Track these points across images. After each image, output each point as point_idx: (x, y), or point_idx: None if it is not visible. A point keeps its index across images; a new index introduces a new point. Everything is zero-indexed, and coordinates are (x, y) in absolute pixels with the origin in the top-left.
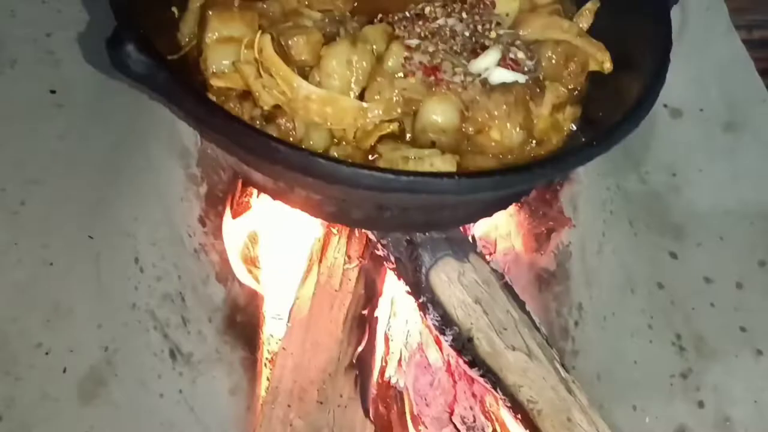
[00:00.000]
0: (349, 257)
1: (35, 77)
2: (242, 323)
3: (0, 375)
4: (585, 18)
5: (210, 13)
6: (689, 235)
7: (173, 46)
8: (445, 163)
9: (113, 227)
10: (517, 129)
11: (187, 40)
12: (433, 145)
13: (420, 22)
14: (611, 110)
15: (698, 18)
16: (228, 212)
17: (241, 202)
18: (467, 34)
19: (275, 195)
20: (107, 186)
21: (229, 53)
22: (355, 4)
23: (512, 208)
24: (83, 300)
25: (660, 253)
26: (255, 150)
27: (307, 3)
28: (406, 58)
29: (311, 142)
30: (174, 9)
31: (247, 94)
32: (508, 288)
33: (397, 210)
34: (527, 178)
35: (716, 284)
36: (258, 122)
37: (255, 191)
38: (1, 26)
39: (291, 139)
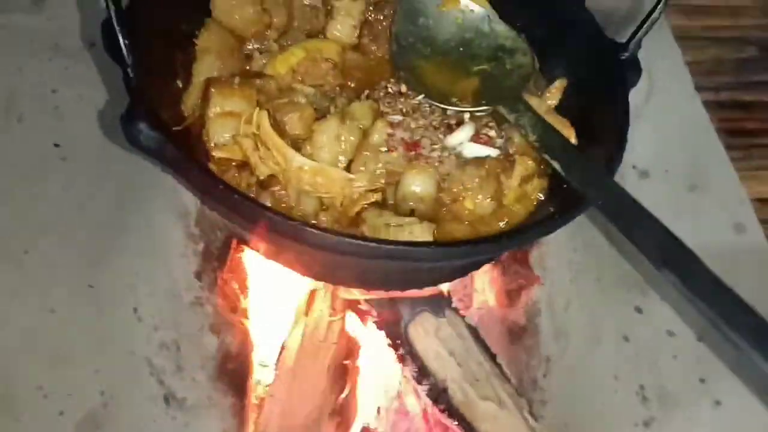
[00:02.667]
0: (334, 310)
1: (41, 131)
2: (233, 371)
3: (0, 414)
4: (553, 96)
5: (213, 89)
6: (654, 291)
7: (177, 116)
8: (422, 231)
9: (114, 279)
10: (489, 200)
11: (190, 111)
12: (412, 213)
13: (402, 99)
14: None
15: (664, 84)
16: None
17: (235, 259)
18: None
19: (267, 255)
20: (109, 239)
21: (229, 127)
22: (345, 80)
23: (487, 266)
24: (83, 346)
25: (626, 308)
26: (252, 219)
27: (300, 79)
28: (389, 135)
29: (302, 208)
30: (179, 82)
31: (245, 164)
32: (480, 341)
33: (379, 271)
34: (495, 248)
35: (678, 338)
36: (254, 189)
37: (248, 250)
38: (9, 82)
39: (284, 205)
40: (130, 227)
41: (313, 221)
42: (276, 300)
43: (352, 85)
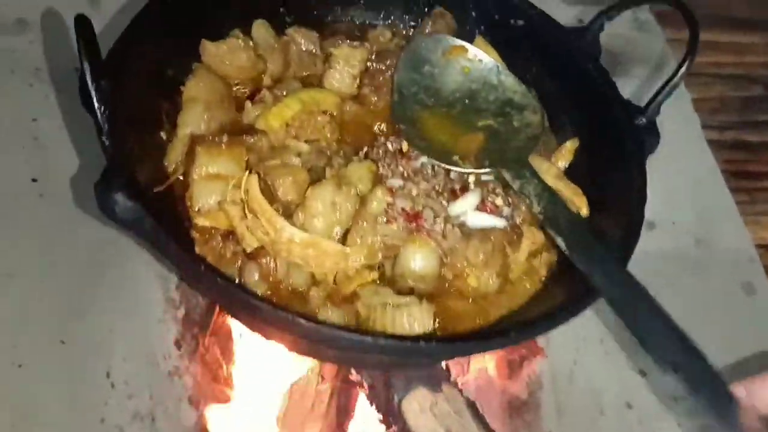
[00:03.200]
0: (322, 378)
1: (18, 163)
2: None
3: None
4: (564, 157)
5: (199, 148)
6: None
7: (159, 172)
8: (422, 314)
9: (87, 336)
10: (494, 277)
11: (173, 167)
12: (411, 291)
13: (403, 161)
14: None
15: (671, 130)
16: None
17: (218, 324)
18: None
19: (251, 327)
20: (84, 291)
21: (215, 191)
22: (342, 135)
23: None
24: (50, 407)
25: (630, 372)
26: (236, 304)
27: (294, 134)
28: (389, 204)
29: (292, 281)
30: (162, 134)
31: (231, 233)
32: (479, 417)
33: (374, 357)
34: (499, 344)
35: (684, 404)
36: (239, 259)
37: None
38: None
39: (272, 278)
40: (107, 283)
41: (302, 294)
42: (261, 367)
43: (350, 140)
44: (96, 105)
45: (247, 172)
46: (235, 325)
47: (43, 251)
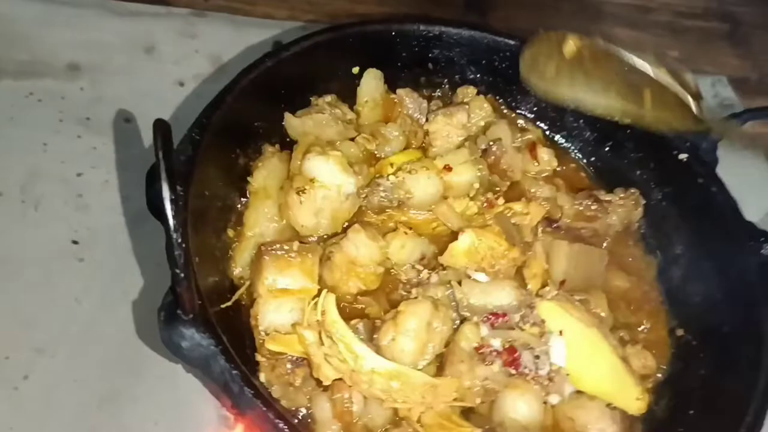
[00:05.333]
0: None
1: (59, 223)
2: None
3: None
4: None
5: (266, 258)
6: None
7: (222, 277)
8: None
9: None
10: None
11: (239, 270)
12: None
13: None
14: None
15: None
16: None
17: None
18: None
19: None
20: (121, 381)
21: (283, 309)
22: None
23: None
24: None
25: None
26: None
27: None
28: (483, 339)
29: (370, 417)
30: (230, 231)
31: (301, 358)
32: None
33: None
34: None
35: None
36: (310, 389)
37: None
38: (31, 160)
39: (346, 414)
40: (149, 377)
41: None
42: None
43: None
44: (171, 223)
45: (324, 291)
46: None
47: (77, 325)
